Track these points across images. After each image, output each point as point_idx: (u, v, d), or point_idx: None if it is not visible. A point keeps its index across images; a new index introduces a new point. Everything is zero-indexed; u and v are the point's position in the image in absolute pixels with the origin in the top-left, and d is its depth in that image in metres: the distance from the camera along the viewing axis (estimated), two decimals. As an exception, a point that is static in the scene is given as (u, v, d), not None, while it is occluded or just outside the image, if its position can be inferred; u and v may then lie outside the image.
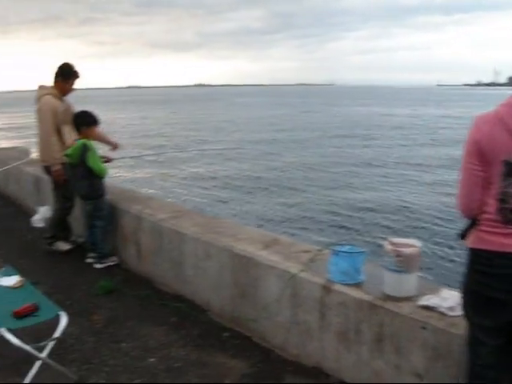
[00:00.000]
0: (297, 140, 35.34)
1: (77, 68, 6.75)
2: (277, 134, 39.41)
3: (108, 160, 6.67)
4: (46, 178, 8.24)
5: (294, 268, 4.11)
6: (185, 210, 6.05)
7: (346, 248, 3.99)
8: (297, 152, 28.88)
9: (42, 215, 8.15)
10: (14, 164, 9.74)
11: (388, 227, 13.83)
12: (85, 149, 5.95)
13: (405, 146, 32.12)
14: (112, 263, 6.37)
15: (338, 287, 3.78)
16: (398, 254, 3.50)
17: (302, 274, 4.02)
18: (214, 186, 20.12)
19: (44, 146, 6.58)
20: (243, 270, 4.56)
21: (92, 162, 5.97)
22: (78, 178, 6.18)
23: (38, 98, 6.62)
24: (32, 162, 9.97)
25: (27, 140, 36.72)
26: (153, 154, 23.23)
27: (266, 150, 29.95)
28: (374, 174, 21.98)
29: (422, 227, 13.87)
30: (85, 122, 6.15)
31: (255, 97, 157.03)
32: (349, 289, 3.73)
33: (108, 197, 6.40)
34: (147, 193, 16.37)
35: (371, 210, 15.85)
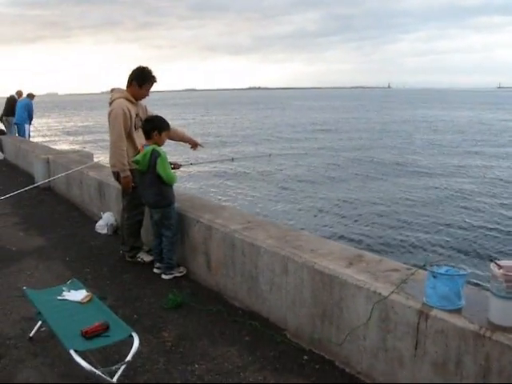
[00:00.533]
0: (358, 145, 34.59)
1: (154, 73, 6.47)
2: (339, 139, 38.63)
3: (176, 166, 6.40)
4: (109, 183, 8.07)
5: (384, 289, 3.73)
6: (258, 221, 5.70)
7: (444, 269, 3.56)
8: (360, 159, 27.86)
9: (105, 221, 7.98)
10: (77, 168, 9.61)
11: (476, 244, 12.77)
12: (154, 155, 5.67)
13: (471, 152, 30.65)
14: (179, 274, 6.09)
15: (436, 313, 3.38)
16: (509, 279, 3.10)
17: (394, 297, 3.64)
18: (282, 194, 19.33)
19: (114, 150, 6.29)
20: (325, 288, 4.19)
21: (161, 169, 5.68)
22: (146, 186, 5.91)
23: (111, 102, 6.37)
24: (95, 166, 9.84)
25: (91, 143, 37.29)
26: (217, 161, 22.30)
27: (330, 155, 29.19)
28: (450, 185, 20.52)
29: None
30: (156, 126, 5.85)
31: (311, 100, 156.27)
32: (449, 315, 3.33)
33: (176, 205, 6.11)
34: (217, 200, 15.94)
35: (452, 225, 14.60)
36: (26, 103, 18.15)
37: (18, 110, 18.14)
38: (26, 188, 10.01)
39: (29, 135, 18.59)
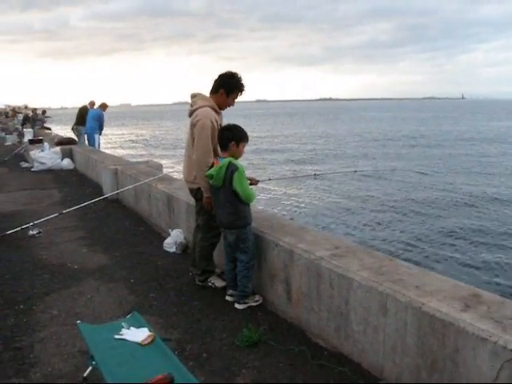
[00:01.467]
0: (447, 161, 31.23)
1: (243, 80, 5.74)
2: (424, 155, 35.66)
3: (254, 182, 5.68)
4: (178, 197, 7.51)
5: (516, 344, 2.94)
6: (348, 246, 4.91)
7: None
8: (454, 179, 24.57)
9: (173, 239, 7.38)
10: (145, 181, 9.09)
11: None
12: (231, 169, 4.98)
13: None
14: (255, 304, 5.37)
15: None
16: None
17: (530, 355, 2.85)
18: (369, 215, 17.19)
19: (200, 167, 5.48)
20: (436, 336, 3.41)
21: (238, 185, 4.98)
22: (219, 203, 5.22)
23: (194, 110, 5.62)
24: (164, 179, 9.29)
25: (160, 153, 37.22)
26: (298, 177, 19.86)
27: (419, 172, 26.08)
28: None
29: None
30: (234, 137, 5.16)
31: (386, 111, 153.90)
32: None
33: (253, 225, 5.40)
34: (296, 220, 14.83)
35: None
36: (97, 113, 18.00)
37: (89, 119, 18.03)
38: (93, 200, 9.59)
39: (99, 145, 18.40)
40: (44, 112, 39.76)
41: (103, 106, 18.44)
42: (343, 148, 41.68)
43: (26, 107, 55.77)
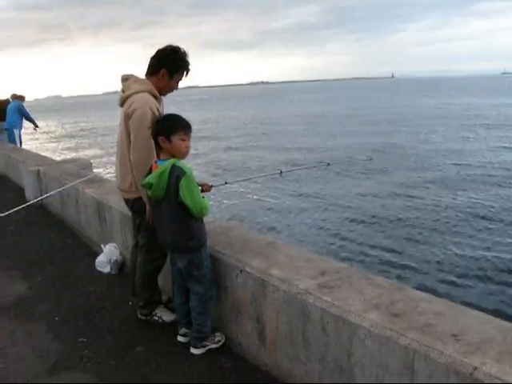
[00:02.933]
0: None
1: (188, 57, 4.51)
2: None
3: (206, 188, 4.39)
4: (110, 205, 6.27)
5: None
6: (339, 270, 3.65)
7: None
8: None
9: (107, 256, 6.11)
10: (70, 184, 7.74)
11: None
12: (176, 174, 3.70)
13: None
14: (215, 345, 4.15)
15: None
16: None
17: None
18: (353, 223, 14.23)
19: (138, 169, 4.19)
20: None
21: (188, 195, 3.70)
22: (163, 220, 3.95)
23: (127, 96, 4.33)
24: (94, 180, 7.97)
25: (90, 149, 35.41)
26: (261, 176, 16.19)
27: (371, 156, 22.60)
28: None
29: None
30: (164, 129, 3.82)
31: (317, 93, 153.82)
32: None
33: (208, 244, 4.16)
34: (258, 230, 12.87)
35: None
36: (16, 105, 16.36)
37: (8, 114, 16.36)
38: (12, 210, 8.14)
39: (20, 142, 16.74)
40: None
41: (21, 98, 16.84)
42: (308, 137, 37.22)
43: None
